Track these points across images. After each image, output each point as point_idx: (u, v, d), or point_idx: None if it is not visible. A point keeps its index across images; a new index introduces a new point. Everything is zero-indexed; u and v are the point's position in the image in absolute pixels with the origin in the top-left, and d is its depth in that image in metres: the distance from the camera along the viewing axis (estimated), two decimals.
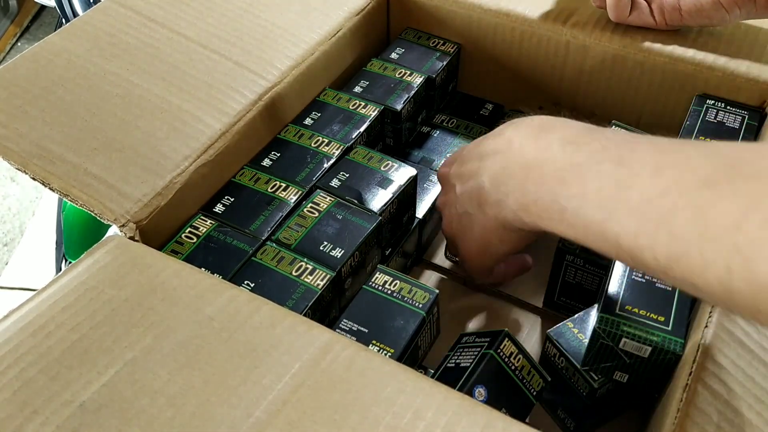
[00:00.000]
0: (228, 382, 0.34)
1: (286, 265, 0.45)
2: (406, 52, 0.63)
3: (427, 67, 0.61)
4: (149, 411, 0.32)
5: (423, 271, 0.59)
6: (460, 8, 0.62)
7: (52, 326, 0.35)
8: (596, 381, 0.43)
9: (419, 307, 0.46)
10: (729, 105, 0.53)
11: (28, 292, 0.86)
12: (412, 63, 0.61)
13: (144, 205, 0.43)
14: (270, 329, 0.36)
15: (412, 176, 0.52)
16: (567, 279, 0.52)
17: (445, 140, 0.62)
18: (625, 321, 0.40)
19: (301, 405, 0.33)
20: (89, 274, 0.38)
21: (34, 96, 0.47)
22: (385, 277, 0.47)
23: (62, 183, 0.43)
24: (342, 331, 0.44)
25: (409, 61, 0.62)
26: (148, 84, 0.49)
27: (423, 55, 0.62)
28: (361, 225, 0.48)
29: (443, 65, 0.61)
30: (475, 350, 0.44)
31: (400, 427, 0.32)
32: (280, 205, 0.49)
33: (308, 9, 0.58)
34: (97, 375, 0.34)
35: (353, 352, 0.35)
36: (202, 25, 0.54)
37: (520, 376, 0.43)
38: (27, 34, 1.95)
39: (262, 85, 0.52)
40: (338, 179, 0.51)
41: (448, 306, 0.56)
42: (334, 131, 0.54)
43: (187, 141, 0.47)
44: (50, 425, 0.32)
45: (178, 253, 0.45)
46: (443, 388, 0.34)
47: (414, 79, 0.59)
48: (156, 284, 0.38)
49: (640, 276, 0.43)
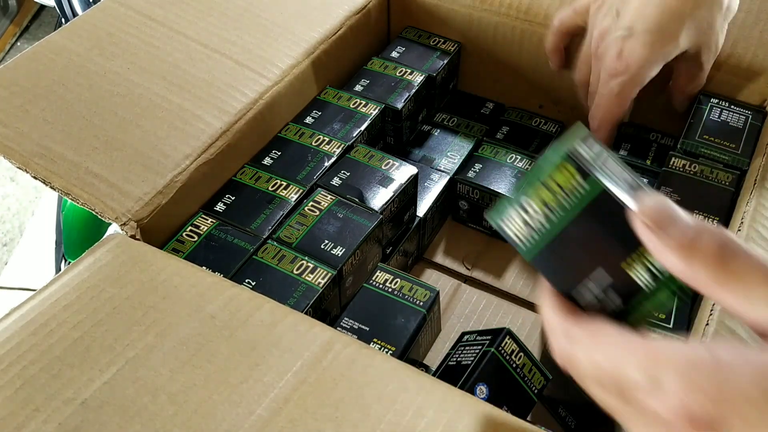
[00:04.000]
0: (229, 380, 0.34)
1: (287, 264, 0.45)
2: (406, 51, 0.63)
3: (428, 65, 0.61)
4: (151, 409, 0.32)
5: (424, 269, 0.59)
6: (460, 7, 0.62)
7: (54, 324, 0.35)
8: None
9: (420, 305, 0.46)
10: (733, 104, 0.53)
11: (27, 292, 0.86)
12: (412, 62, 0.61)
13: (145, 204, 0.43)
14: (271, 327, 0.36)
15: (412, 175, 0.52)
16: None
17: (446, 139, 0.62)
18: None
19: (302, 403, 0.33)
20: (90, 273, 0.38)
21: (35, 95, 0.47)
22: (385, 275, 0.48)
23: (63, 182, 0.43)
24: (343, 330, 0.45)
25: (410, 60, 0.62)
26: (148, 83, 0.49)
27: (423, 54, 0.62)
28: (361, 223, 0.48)
29: (444, 64, 0.61)
30: (476, 348, 0.44)
31: (402, 424, 0.32)
32: (281, 204, 0.49)
33: (308, 8, 0.58)
34: (99, 373, 0.34)
35: (354, 350, 0.35)
36: (203, 24, 0.54)
37: (521, 374, 0.43)
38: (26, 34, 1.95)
39: (262, 83, 0.52)
40: (339, 178, 0.51)
41: (449, 304, 0.56)
42: (334, 130, 0.54)
43: (188, 140, 0.47)
44: (52, 423, 0.32)
45: (180, 251, 0.45)
46: (444, 386, 0.34)
47: (414, 77, 0.59)
48: (157, 283, 0.38)
49: None
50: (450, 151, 0.60)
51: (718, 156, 0.50)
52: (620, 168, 0.28)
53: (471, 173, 0.58)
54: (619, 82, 0.50)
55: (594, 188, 0.27)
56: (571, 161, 0.27)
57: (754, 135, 0.51)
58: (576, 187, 0.27)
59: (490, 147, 0.60)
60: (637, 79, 0.50)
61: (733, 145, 0.50)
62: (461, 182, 0.58)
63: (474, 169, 0.58)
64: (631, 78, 0.50)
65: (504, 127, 0.62)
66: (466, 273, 0.58)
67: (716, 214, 0.46)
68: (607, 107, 0.52)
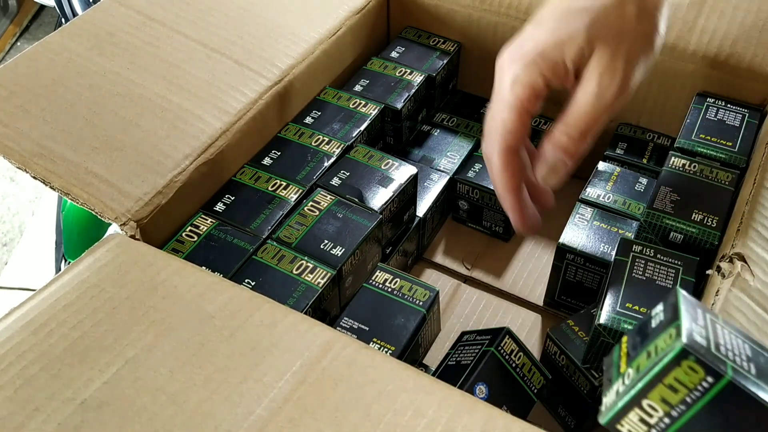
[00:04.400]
0: (229, 380, 0.34)
1: (287, 264, 0.45)
2: (406, 51, 0.63)
3: (428, 65, 0.61)
4: (150, 409, 0.32)
5: (423, 269, 0.59)
6: (460, 7, 0.62)
7: (54, 324, 0.35)
8: (597, 379, 0.43)
9: (420, 304, 0.46)
10: (729, 103, 0.53)
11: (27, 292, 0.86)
12: (412, 62, 0.61)
13: (145, 204, 0.43)
14: (271, 327, 0.36)
15: (412, 175, 0.52)
16: (567, 278, 0.52)
17: (446, 139, 0.62)
18: (626, 319, 0.40)
19: (302, 403, 0.33)
20: (90, 273, 0.38)
21: (35, 95, 0.47)
22: (385, 275, 0.48)
23: (63, 182, 0.43)
24: (343, 329, 0.45)
25: (410, 60, 0.62)
26: (148, 83, 0.49)
27: (423, 54, 0.62)
28: (361, 223, 0.48)
29: (443, 64, 0.61)
30: (476, 348, 0.44)
31: (401, 424, 0.32)
32: (280, 204, 0.49)
33: (308, 8, 0.58)
34: (99, 373, 0.34)
35: (354, 350, 0.35)
36: (203, 23, 0.54)
37: (520, 373, 0.43)
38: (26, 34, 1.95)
39: (262, 83, 0.52)
40: (339, 178, 0.51)
41: (449, 304, 0.56)
42: (334, 130, 0.54)
43: (188, 140, 0.47)
44: (52, 423, 0.32)
45: (179, 251, 0.45)
46: (444, 386, 0.34)
47: (414, 77, 0.59)
48: (157, 282, 0.38)
49: (641, 274, 0.43)
50: (450, 151, 0.61)
51: (714, 155, 0.50)
52: (734, 335, 0.27)
53: (471, 173, 0.58)
54: (513, 72, 0.40)
55: (719, 381, 0.26)
56: (690, 357, 0.26)
57: (751, 133, 0.51)
58: (700, 382, 0.26)
59: None
60: (533, 68, 0.39)
61: (729, 143, 0.50)
62: (461, 182, 0.58)
63: (474, 169, 0.58)
64: (525, 66, 0.39)
65: None
66: (466, 273, 0.58)
67: (716, 214, 0.46)
68: (497, 120, 0.40)
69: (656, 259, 0.43)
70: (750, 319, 0.38)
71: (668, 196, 0.47)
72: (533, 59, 0.40)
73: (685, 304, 0.28)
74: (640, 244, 0.44)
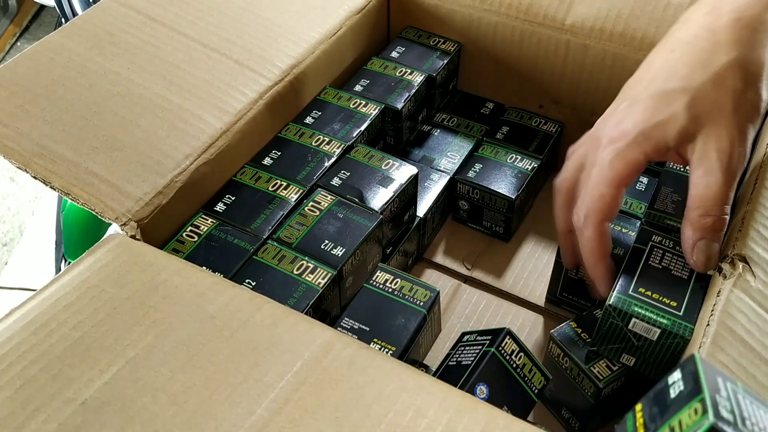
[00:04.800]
0: (229, 380, 0.34)
1: (287, 264, 0.45)
2: (406, 51, 0.63)
3: (428, 65, 0.61)
4: (151, 409, 0.32)
5: (424, 269, 0.59)
6: (460, 7, 0.62)
7: (54, 324, 0.35)
8: (601, 381, 0.43)
9: (420, 305, 0.46)
10: None
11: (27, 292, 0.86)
12: (412, 62, 0.61)
13: (145, 204, 0.43)
14: (271, 328, 0.36)
15: (412, 175, 0.52)
16: (569, 275, 0.52)
17: (446, 139, 0.62)
18: (637, 302, 0.41)
19: (302, 403, 0.33)
20: (91, 273, 0.38)
21: (35, 95, 0.47)
22: (386, 275, 0.48)
23: (63, 182, 0.43)
24: (343, 330, 0.44)
25: (410, 60, 0.62)
26: (148, 83, 0.49)
27: (423, 54, 0.62)
28: (362, 223, 0.48)
29: (444, 64, 0.61)
30: (476, 348, 0.44)
31: (402, 425, 0.32)
32: (281, 204, 0.49)
33: (308, 8, 0.58)
34: (99, 373, 0.34)
35: (354, 350, 0.35)
36: (203, 23, 0.54)
37: (521, 374, 0.43)
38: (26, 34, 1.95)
39: (262, 83, 0.52)
40: (339, 178, 0.51)
41: (449, 304, 0.56)
42: (334, 130, 0.54)
43: (188, 140, 0.47)
44: (52, 423, 0.32)
45: (180, 251, 0.45)
46: (445, 386, 0.34)
47: (414, 77, 0.59)
48: (157, 283, 0.38)
49: (658, 263, 0.43)
50: (450, 151, 0.60)
51: None
52: (755, 405, 0.27)
53: (471, 173, 0.58)
54: (614, 148, 0.41)
55: None
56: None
57: None
58: None
59: (490, 147, 0.60)
60: (635, 147, 0.40)
61: None
62: (461, 182, 0.58)
63: (474, 169, 0.58)
64: (628, 145, 0.41)
65: (504, 127, 0.62)
66: (466, 273, 0.58)
67: None
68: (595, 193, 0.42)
69: (675, 251, 0.44)
70: (751, 320, 0.38)
71: (669, 196, 0.47)
72: (635, 138, 0.41)
73: (705, 373, 0.27)
74: (660, 235, 0.44)
